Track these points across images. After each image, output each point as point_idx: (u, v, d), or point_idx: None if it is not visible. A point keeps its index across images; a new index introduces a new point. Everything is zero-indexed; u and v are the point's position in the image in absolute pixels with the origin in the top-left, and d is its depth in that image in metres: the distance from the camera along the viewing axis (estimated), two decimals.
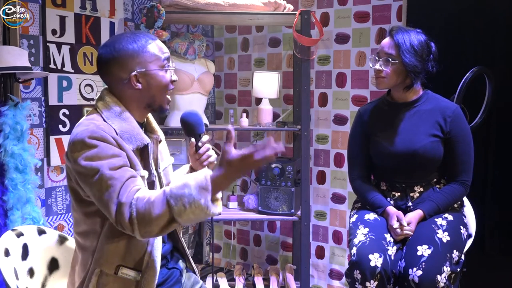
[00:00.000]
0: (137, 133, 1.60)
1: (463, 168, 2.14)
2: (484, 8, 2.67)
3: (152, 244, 1.59)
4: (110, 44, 1.61)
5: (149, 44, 1.61)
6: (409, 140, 2.13)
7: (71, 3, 2.65)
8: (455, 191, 2.14)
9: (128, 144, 1.56)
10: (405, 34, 2.10)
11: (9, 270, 1.61)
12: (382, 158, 2.20)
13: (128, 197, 1.43)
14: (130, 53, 1.59)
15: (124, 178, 1.46)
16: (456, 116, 2.13)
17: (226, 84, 3.67)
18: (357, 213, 2.24)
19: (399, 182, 2.18)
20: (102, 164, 1.46)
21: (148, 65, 1.60)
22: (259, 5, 2.88)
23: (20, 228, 1.81)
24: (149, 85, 1.61)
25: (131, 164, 1.55)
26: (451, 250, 1.95)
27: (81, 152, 1.48)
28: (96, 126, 1.52)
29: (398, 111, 2.20)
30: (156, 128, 1.76)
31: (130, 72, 1.58)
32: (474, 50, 2.72)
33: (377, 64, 2.13)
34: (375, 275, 1.91)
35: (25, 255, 1.75)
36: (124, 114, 1.59)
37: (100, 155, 1.47)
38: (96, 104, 1.63)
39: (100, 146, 1.48)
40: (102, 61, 1.62)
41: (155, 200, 1.41)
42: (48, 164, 2.59)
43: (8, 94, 2.22)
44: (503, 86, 2.64)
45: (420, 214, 2.08)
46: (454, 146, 2.13)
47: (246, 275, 3.28)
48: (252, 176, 3.50)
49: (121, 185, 1.44)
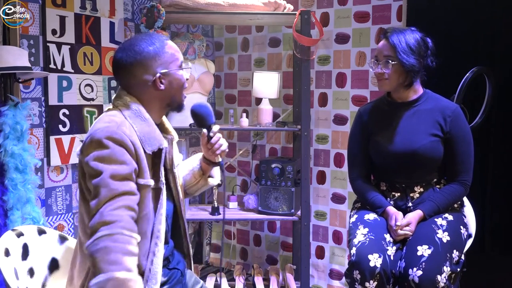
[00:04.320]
0: (157, 135, 1.61)
1: (463, 168, 2.14)
2: (484, 8, 2.67)
3: (154, 252, 1.58)
4: (128, 47, 1.62)
5: (166, 44, 1.65)
6: (409, 139, 2.13)
7: (71, 3, 2.65)
8: (455, 191, 2.14)
9: (147, 147, 1.56)
10: (400, 34, 2.09)
11: (9, 270, 1.61)
12: (382, 158, 2.20)
13: (109, 216, 1.42)
14: (152, 55, 1.61)
15: (118, 191, 1.45)
16: (456, 116, 2.13)
17: (226, 84, 3.67)
18: (357, 213, 2.24)
19: (399, 182, 2.18)
20: (107, 169, 1.46)
21: (169, 66, 1.64)
22: (259, 5, 2.88)
23: (20, 228, 1.80)
24: (171, 85, 1.64)
25: (140, 172, 1.54)
26: (451, 250, 1.95)
27: (94, 150, 1.50)
28: (117, 125, 1.53)
29: (398, 111, 2.20)
30: (169, 128, 1.77)
31: (154, 74, 1.61)
32: (474, 50, 2.72)
33: (377, 67, 2.13)
34: (375, 275, 1.91)
35: (25, 255, 1.75)
36: (144, 114, 1.60)
37: (110, 157, 1.48)
38: (114, 102, 1.64)
39: (114, 149, 1.49)
40: (122, 64, 1.62)
41: (112, 252, 1.39)
42: (48, 164, 2.59)
43: (8, 94, 2.22)
44: (503, 86, 2.65)
45: (420, 215, 2.08)
46: (454, 145, 2.12)
47: (246, 275, 3.28)
48: (252, 176, 3.50)
49: (111, 198, 1.44)
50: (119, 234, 1.40)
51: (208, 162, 1.85)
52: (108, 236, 1.39)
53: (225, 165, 3.56)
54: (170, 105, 1.69)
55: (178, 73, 1.66)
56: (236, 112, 3.56)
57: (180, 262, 1.80)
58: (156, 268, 1.57)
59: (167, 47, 1.65)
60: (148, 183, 1.57)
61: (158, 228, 1.59)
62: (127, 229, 1.43)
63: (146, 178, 1.56)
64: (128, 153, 1.51)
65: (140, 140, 1.56)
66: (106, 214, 1.42)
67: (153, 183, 1.60)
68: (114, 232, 1.40)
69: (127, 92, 1.64)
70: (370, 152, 2.24)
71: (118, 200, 1.45)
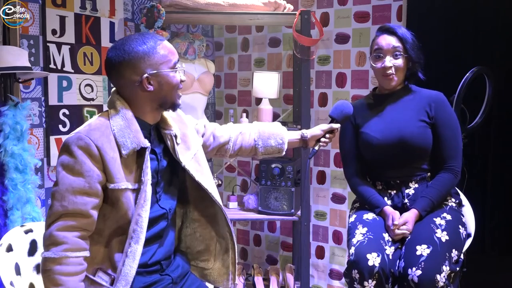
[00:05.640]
0: (138, 136, 1.58)
1: (451, 154, 2.14)
2: (484, 8, 2.68)
3: (126, 252, 1.56)
4: (119, 46, 1.60)
5: (159, 45, 1.61)
6: (396, 127, 2.14)
7: (71, 3, 2.66)
8: (445, 180, 2.13)
9: (122, 150, 1.55)
10: (402, 28, 2.17)
11: (8, 266, 1.63)
12: (371, 151, 2.20)
13: (57, 237, 1.49)
14: (141, 55, 1.58)
15: (68, 210, 1.49)
16: (440, 101, 2.16)
17: (226, 84, 3.68)
18: (356, 213, 2.24)
19: (393, 178, 2.18)
20: (66, 180, 1.50)
21: (159, 67, 1.60)
22: (259, 5, 2.88)
23: (30, 224, 1.83)
24: (161, 86, 1.61)
25: (109, 177, 1.54)
26: (450, 249, 1.95)
27: (62, 154, 1.54)
28: (88, 130, 1.55)
29: (384, 101, 2.23)
30: (171, 123, 1.73)
31: (141, 75, 1.58)
32: (474, 50, 2.72)
33: (382, 62, 2.14)
34: (373, 274, 1.91)
35: (32, 251, 1.78)
36: (126, 115, 1.59)
37: (73, 167, 1.51)
38: (108, 109, 1.64)
39: (77, 159, 1.51)
40: (112, 63, 1.60)
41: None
42: (48, 164, 2.59)
43: (8, 94, 2.22)
44: (503, 86, 2.65)
45: (415, 213, 2.08)
46: (440, 131, 2.13)
47: (246, 275, 3.28)
48: (252, 176, 3.50)
49: (61, 216, 1.50)
50: (63, 258, 1.48)
51: (305, 143, 2.03)
52: (54, 260, 1.48)
53: (226, 165, 3.57)
54: (162, 106, 1.66)
55: (170, 74, 1.62)
56: (236, 112, 3.56)
57: (179, 268, 1.76)
58: (127, 269, 1.54)
59: (160, 47, 1.61)
60: (119, 187, 1.55)
61: (134, 228, 1.56)
62: (72, 250, 1.50)
63: (117, 182, 1.54)
64: (93, 159, 1.52)
65: (117, 143, 1.55)
66: (55, 233, 1.49)
67: (129, 185, 1.57)
68: (60, 255, 1.48)
69: (118, 92, 1.64)
70: (360, 147, 2.24)
71: (67, 221, 1.50)
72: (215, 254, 1.83)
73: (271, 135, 2.01)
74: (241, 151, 2.00)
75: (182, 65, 1.70)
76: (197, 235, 1.83)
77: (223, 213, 1.79)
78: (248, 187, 3.58)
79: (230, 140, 1.97)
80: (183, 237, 1.85)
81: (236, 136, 1.98)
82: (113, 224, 1.58)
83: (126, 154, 1.56)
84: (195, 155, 1.77)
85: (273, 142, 2.00)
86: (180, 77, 1.66)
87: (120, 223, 1.58)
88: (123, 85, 1.62)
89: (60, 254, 1.47)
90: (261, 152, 2.01)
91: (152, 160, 1.64)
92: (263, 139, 2.00)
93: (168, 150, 1.71)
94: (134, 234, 1.56)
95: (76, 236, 1.50)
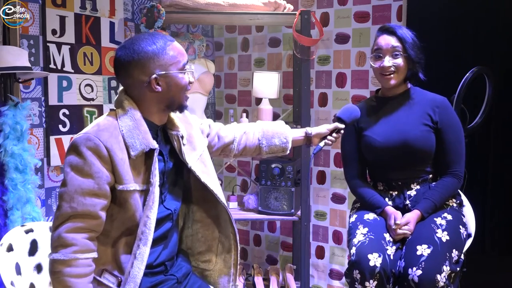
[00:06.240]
0: (147, 137, 1.57)
1: (454, 159, 2.14)
2: (484, 8, 2.68)
3: (135, 254, 1.56)
4: (129, 45, 1.58)
5: (168, 46, 1.60)
6: (399, 130, 2.14)
7: (71, 3, 2.66)
8: (448, 184, 2.13)
9: (130, 151, 1.54)
10: (402, 28, 2.16)
11: (9, 265, 1.63)
12: (374, 153, 2.20)
13: (66, 239, 1.48)
14: (150, 55, 1.57)
15: (77, 211, 1.48)
16: (444, 106, 2.15)
17: (226, 84, 3.67)
18: (357, 213, 2.24)
19: (394, 180, 2.18)
20: (75, 181, 1.49)
21: (168, 68, 1.59)
22: (259, 5, 2.88)
23: (31, 224, 1.83)
24: (169, 87, 1.60)
25: (118, 178, 1.53)
26: (451, 249, 1.95)
27: (70, 154, 1.52)
28: (97, 130, 1.53)
29: (387, 104, 2.22)
30: (177, 123, 1.72)
31: (150, 75, 1.57)
32: (474, 50, 2.72)
33: (381, 62, 2.13)
34: (374, 275, 1.91)
35: (33, 251, 1.77)
36: (135, 115, 1.58)
37: (82, 168, 1.50)
38: (116, 108, 1.62)
39: (86, 160, 1.49)
40: (120, 63, 1.59)
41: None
42: (48, 164, 2.59)
43: (8, 94, 2.22)
44: (503, 86, 2.65)
45: (418, 214, 2.08)
46: (444, 136, 2.13)
47: (246, 275, 3.27)
48: (252, 176, 3.50)
49: (70, 217, 1.48)
50: (73, 260, 1.47)
51: (310, 141, 2.06)
52: (63, 261, 1.47)
53: (226, 165, 3.57)
54: (170, 107, 1.65)
55: (179, 76, 1.60)
56: (236, 112, 3.56)
57: (182, 268, 1.76)
58: (136, 271, 1.54)
59: (169, 48, 1.60)
60: (128, 188, 1.54)
61: (143, 230, 1.56)
62: (82, 251, 1.49)
63: (126, 183, 1.53)
64: (102, 160, 1.51)
65: (125, 144, 1.54)
66: (64, 235, 1.48)
67: (137, 187, 1.56)
68: (70, 257, 1.47)
69: (126, 92, 1.63)
70: (362, 150, 2.24)
71: (76, 223, 1.48)
72: (217, 254, 1.83)
73: (275, 134, 2.01)
74: (245, 150, 2.00)
75: (191, 66, 1.68)
76: (199, 236, 1.83)
77: (228, 213, 1.78)
78: (248, 187, 3.58)
79: (234, 140, 1.97)
80: (184, 238, 1.85)
81: (240, 135, 1.98)
82: (120, 225, 1.57)
83: (135, 155, 1.55)
84: (201, 155, 1.76)
85: (277, 141, 2.00)
86: (189, 78, 1.65)
87: (127, 224, 1.57)
88: (131, 84, 1.61)
89: (70, 256, 1.47)
90: (266, 151, 2.01)
91: (159, 162, 1.64)
92: (267, 138, 2.00)
93: (174, 150, 1.71)
94: (143, 236, 1.55)
95: (85, 237, 1.49)
